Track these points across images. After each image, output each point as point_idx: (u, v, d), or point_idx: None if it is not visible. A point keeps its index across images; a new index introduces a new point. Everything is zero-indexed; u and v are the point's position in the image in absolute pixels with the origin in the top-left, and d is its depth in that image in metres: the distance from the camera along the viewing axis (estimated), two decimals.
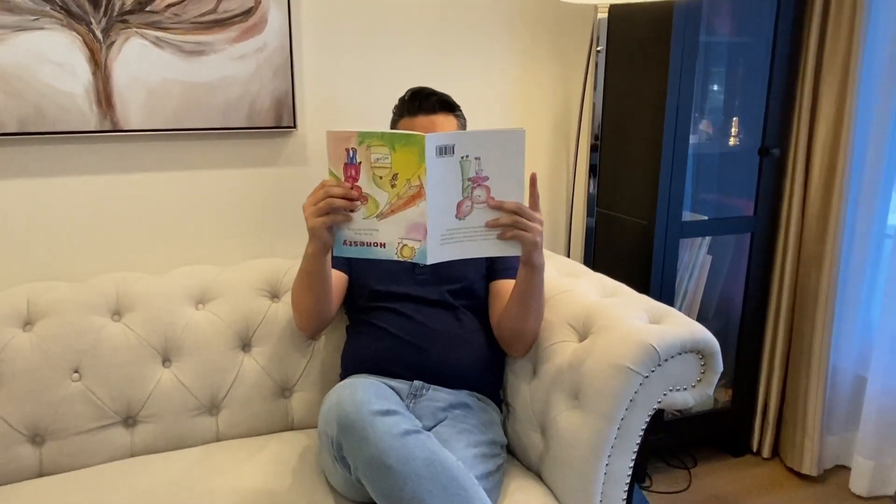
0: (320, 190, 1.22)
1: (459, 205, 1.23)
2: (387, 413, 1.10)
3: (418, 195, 1.19)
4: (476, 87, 2.01)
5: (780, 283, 2.17)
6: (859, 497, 2.07)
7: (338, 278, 1.52)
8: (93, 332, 1.50)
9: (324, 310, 1.45)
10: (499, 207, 1.24)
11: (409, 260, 1.23)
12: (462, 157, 1.21)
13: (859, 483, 2.07)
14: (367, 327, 1.50)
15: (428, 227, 1.20)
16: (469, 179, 1.23)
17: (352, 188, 1.22)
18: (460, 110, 1.55)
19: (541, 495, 1.37)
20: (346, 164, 1.22)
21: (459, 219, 1.23)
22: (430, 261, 1.21)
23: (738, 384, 2.24)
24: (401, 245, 1.22)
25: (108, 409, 1.50)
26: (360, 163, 1.21)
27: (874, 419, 2.03)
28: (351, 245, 1.26)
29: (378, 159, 1.20)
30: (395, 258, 1.23)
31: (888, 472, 2.05)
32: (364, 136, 1.19)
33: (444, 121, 1.50)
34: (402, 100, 1.55)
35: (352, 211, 1.23)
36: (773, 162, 2.10)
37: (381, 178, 1.21)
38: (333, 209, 1.21)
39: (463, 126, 1.57)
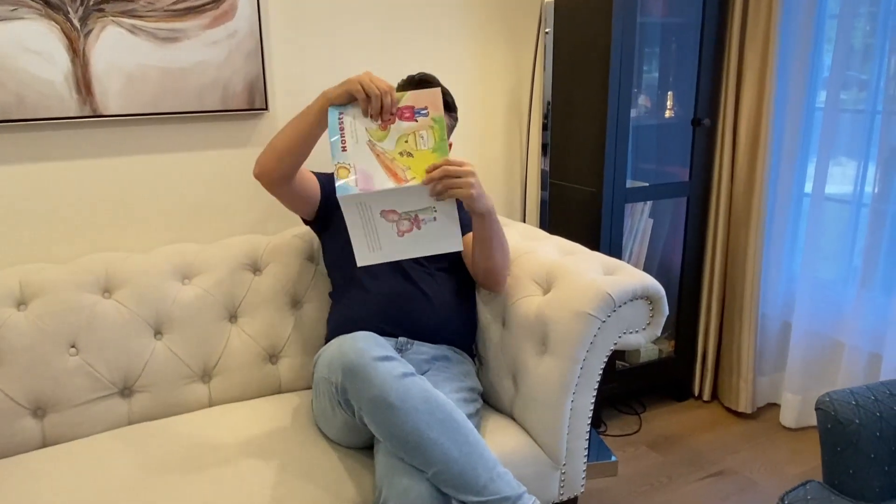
0: (385, 87, 1.32)
1: (393, 211, 1.31)
2: (386, 359, 1.23)
3: (398, 177, 1.29)
4: (433, 70, 2.13)
5: (714, 241, 2.39)
6: (788, 429, 2.32)
7: (314, 182, 1.63)
8: (86, 309, 1.58)
9: (292, 162, 1.49)
10: (430, 181, 1.30)
11: (333, 181, 1.30)
12: (432, 207, 1.32)
13: (788, 416, 2.32)
14: (353, 291, 1.61)
15: (371, 188, 1.27)
16: (413, 212, 1.32)
17: (390, 116, 1.33)
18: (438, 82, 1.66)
19: (516, 432, 1.53)
20: (409, 107, 1.33)
21: (381, 216, 1.31)
22: (337, 195, 1.27)
23: (680, 335, 2.46)
24: (346, 166, 1.29)
25: (106, 380, 1.58)
26: (417, 122, 1.32)
27: (799, 359, 2.27)
28: (339, 127, 1.34)
29: (423, 137, 1.31)
30: (334, 165, 1.29)
31: (812, 405, 2.29)
32: (439, 120, 1.32)
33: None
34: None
35: (372, 118, 1.33)
36: (704, 131, 2.30)
37: (405, 142, 1.32)
38: (371, 101, 1.32)
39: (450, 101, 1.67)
